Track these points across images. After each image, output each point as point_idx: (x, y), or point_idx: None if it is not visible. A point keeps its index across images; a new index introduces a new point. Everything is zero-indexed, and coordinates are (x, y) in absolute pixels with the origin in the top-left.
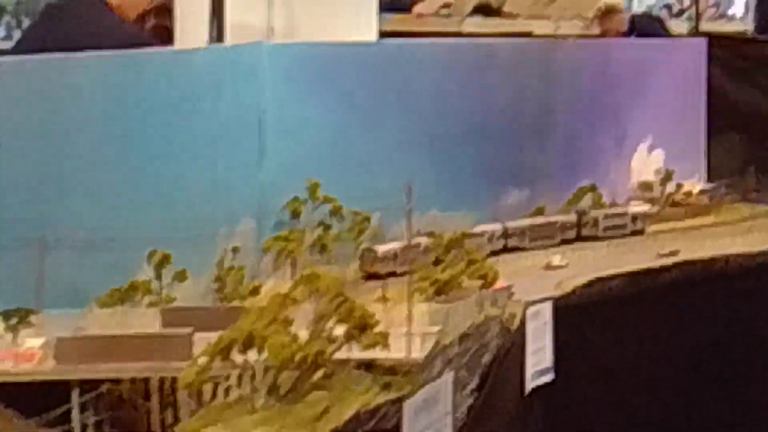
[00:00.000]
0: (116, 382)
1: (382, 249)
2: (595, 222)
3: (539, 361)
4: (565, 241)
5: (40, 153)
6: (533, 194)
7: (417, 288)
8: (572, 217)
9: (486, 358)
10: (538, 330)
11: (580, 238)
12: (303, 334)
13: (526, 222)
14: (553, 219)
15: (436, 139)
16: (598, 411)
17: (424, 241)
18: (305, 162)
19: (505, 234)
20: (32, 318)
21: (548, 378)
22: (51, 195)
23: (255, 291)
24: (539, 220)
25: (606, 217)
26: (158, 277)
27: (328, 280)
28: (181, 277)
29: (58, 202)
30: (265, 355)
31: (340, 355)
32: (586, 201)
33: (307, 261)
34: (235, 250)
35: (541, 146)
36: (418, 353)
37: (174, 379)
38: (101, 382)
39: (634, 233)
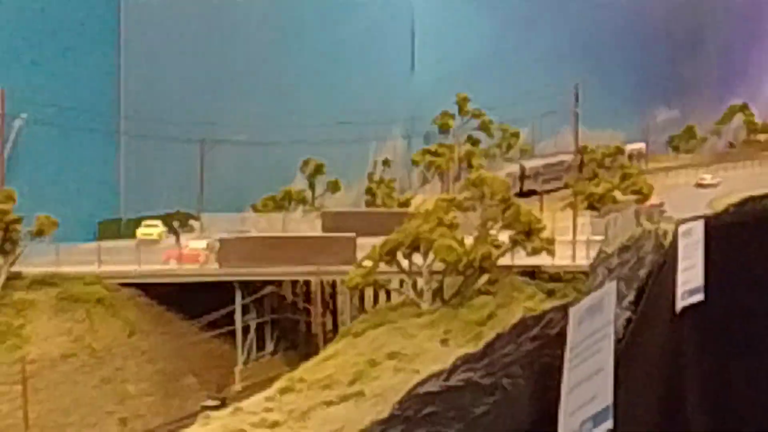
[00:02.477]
0: (278, 284)
1: (532, 164)
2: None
3: (690, 279)
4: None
5: (202, 57)
6: (683, 111)
7: (570, 202)
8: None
9: (642, 272)
10: (689, 248)
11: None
12: (467, 241)
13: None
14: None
15: (589, 51)
16: (749, 328)
17: (568, 158)
18: (456, 73)
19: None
20: (192, 221)
21: (698, 298)
22: (212, 97)
23: (405, 203)
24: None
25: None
26: (311, 186)
27: (495, 183)
28: (334, 187)
29: (218, 104)
30: (431, 258)
31: (504, 261)
32: (737, 120)
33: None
34: (385, 162)
35: (693, 61)
36: (582, 261)
37: (335, 283)
38: (264, 284)
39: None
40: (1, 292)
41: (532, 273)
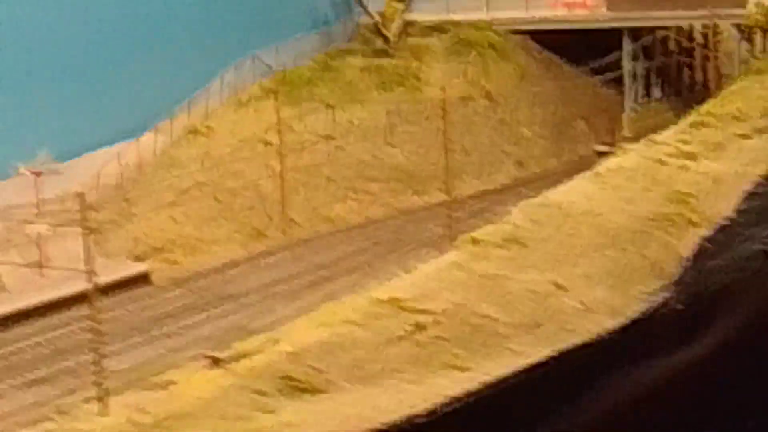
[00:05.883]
0: (666, 29)
1: None
2: None
3: None
4: None
5: None
6: None
7: None
8: None
9: None
10: None
11: None
12: None
13: None
14: None
15: None
16: None
17: None
18: None
19: None
20: None
21: None
22: None
23: None
24: None
25: None
26: None
27: None
28: None
29: None
30: None
31: None
32: None
33: None
34: None
35: None
36: None
37: (716, 27)
38: (651, 30)
39: None
40: (397, 38)
41: None
